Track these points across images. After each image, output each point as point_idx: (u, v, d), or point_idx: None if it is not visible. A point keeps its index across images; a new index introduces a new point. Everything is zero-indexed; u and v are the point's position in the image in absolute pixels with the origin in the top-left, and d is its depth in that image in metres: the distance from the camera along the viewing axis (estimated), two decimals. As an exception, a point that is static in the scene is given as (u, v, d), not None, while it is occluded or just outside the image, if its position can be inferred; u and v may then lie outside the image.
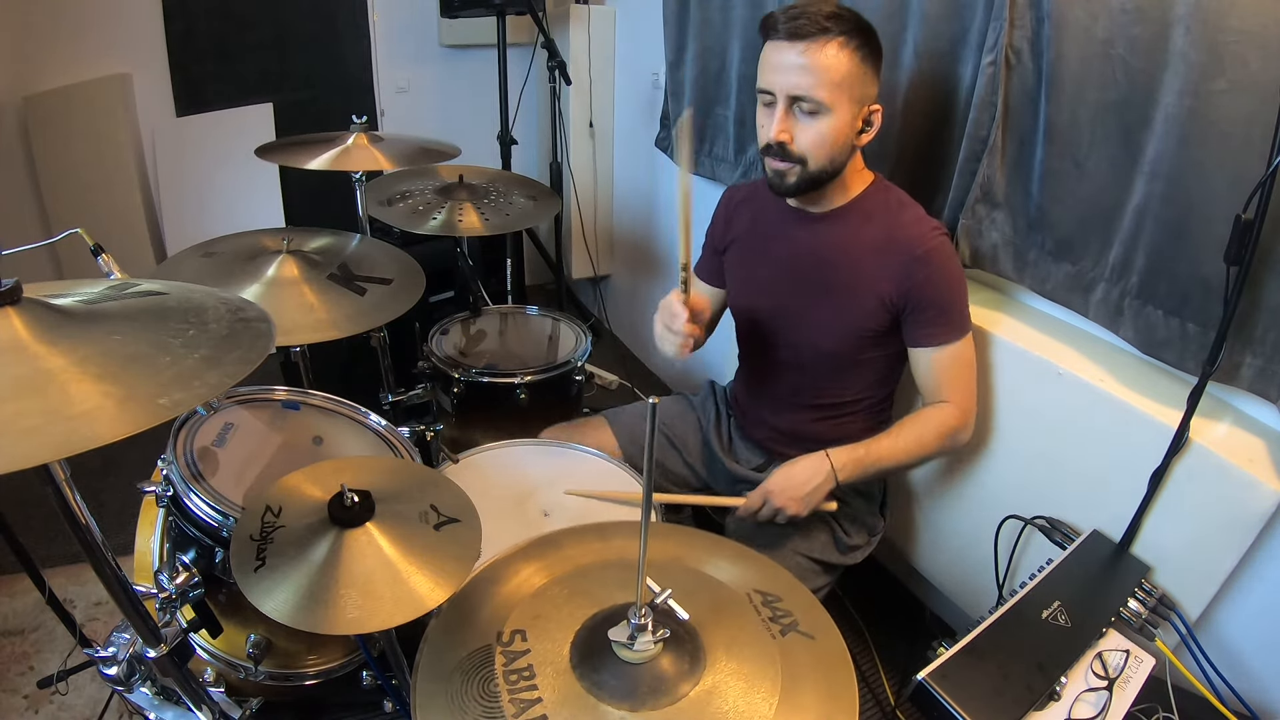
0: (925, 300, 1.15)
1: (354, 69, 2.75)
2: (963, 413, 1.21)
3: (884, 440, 1.20)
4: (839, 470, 1.17)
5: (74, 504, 0.70)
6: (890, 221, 1.16)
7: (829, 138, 1.09)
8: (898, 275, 1.14)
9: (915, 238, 1.14)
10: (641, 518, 0.67)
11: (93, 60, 2.34)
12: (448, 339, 1.72)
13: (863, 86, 1.08)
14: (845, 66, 1.05)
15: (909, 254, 1.13)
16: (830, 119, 1.08)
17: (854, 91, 1.07)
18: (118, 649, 0.89)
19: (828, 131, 1.09)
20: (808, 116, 1.09)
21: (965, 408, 1.21)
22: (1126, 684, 0.94)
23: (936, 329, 1.16)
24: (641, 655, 0.69)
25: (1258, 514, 0.99)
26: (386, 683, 0.99)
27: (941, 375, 1.19)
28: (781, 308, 1.28)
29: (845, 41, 1.05)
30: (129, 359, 0.63)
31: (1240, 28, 0.92)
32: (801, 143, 1.10)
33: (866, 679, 1.59)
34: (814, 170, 1.13)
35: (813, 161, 1.12)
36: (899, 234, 1.15)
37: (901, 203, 1.19)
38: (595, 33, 2.58)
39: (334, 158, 1.45)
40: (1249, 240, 0.91)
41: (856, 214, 1.19)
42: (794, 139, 1.10)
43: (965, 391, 1.21)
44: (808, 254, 1.23)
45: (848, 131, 1.10)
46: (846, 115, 1.08)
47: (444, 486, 0.91)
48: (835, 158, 1.12)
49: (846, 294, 1.19)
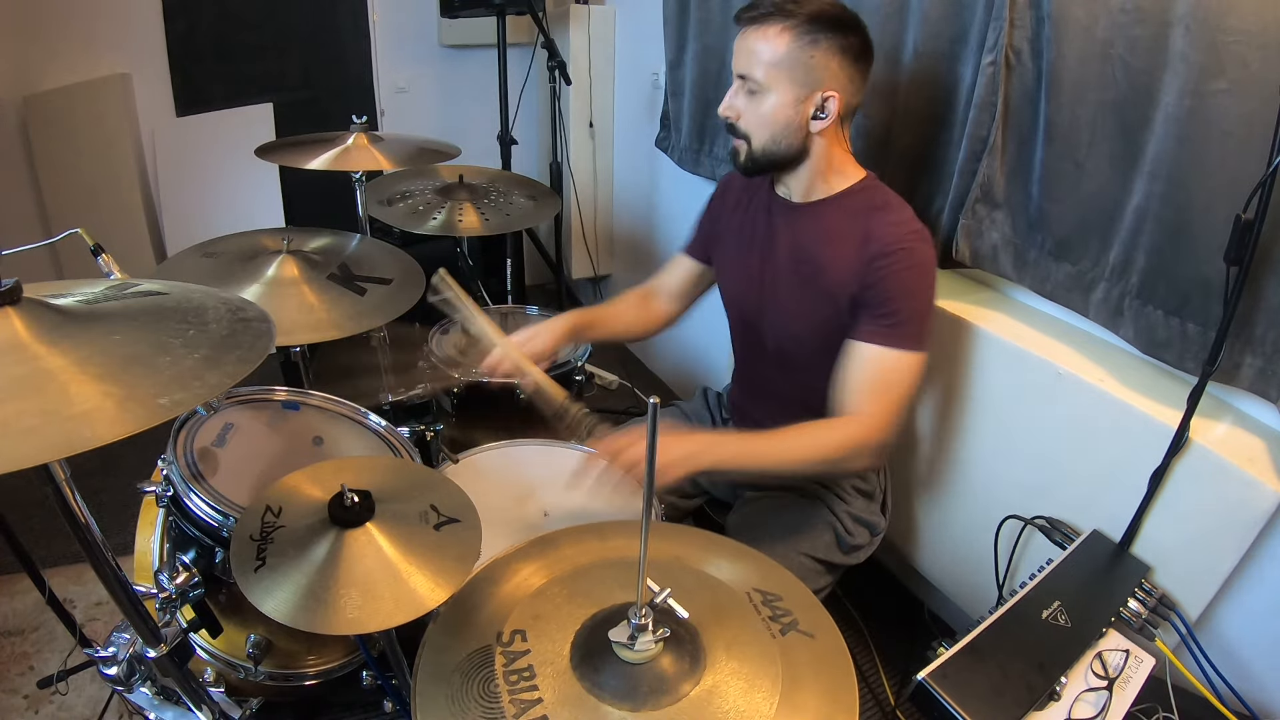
0: (876, 295, 1.11)
1: (354, 69, 2.76)
2: (865, 431, 1.08)
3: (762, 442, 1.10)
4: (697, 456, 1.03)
5: (74, 504, 0.70)
6: (870, 220, 1.14)
7: (768, 117, 1.12)
8: (860, 270, 1.12)
9: (887, 237, 1.11)
10: (642, 517, 0.67)
11: (93, 60, 2.35)
12: (448, 339, 1.72)
13: (806, 71, 1.09)
14: (783, 48, 1.08)
15: (875, 251, 1.11)
16: (768, 98, 1.11)
17: (794, 74, 1.09)
18: (118, 649, 0.89)
19: (766, 111, 1.12)
20: (750, 95, 1.13)
21: (870, 428, 1.08)
22: (1126, 684, 0.94)
23: (878, 326, 1.10)
24: (642, 655, 0.69)
25: (1258, 514, 0.99)
26: (386, 683, 0.99)
27: (864, 381, 1.10)
28: (761, 297, 1.27)
29: (786, 26, 1.07)
30: (129, 359, 0.63)
31: (1240, 28, 0.92)
32: (746, 120, 1.14)
33: (866, 679, 1.59)
34: (757, 149, 1.15)
35: (755, 139, 1.15)
36: (873, 233, 1.12)
37: (886, 204, 1.16)
38: (595, 33, 2.58)
39: (334, 158, 1.45)
40: (1249, 240, 0.91)
41: (837, 208, 1.18)
42: (740, 116, 1.15)
43: (882, 408, 1.09)
44: (785, 243, 1.23)
45: (789, 114, 1.11)
46: (786, 96, 1.10)
47: (444, 486, 0.91)
48: (778, 138, 1.13)
49: (815, 287, 1.18)
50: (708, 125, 2.06)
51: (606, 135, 2.76)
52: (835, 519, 1.29)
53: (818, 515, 1.28)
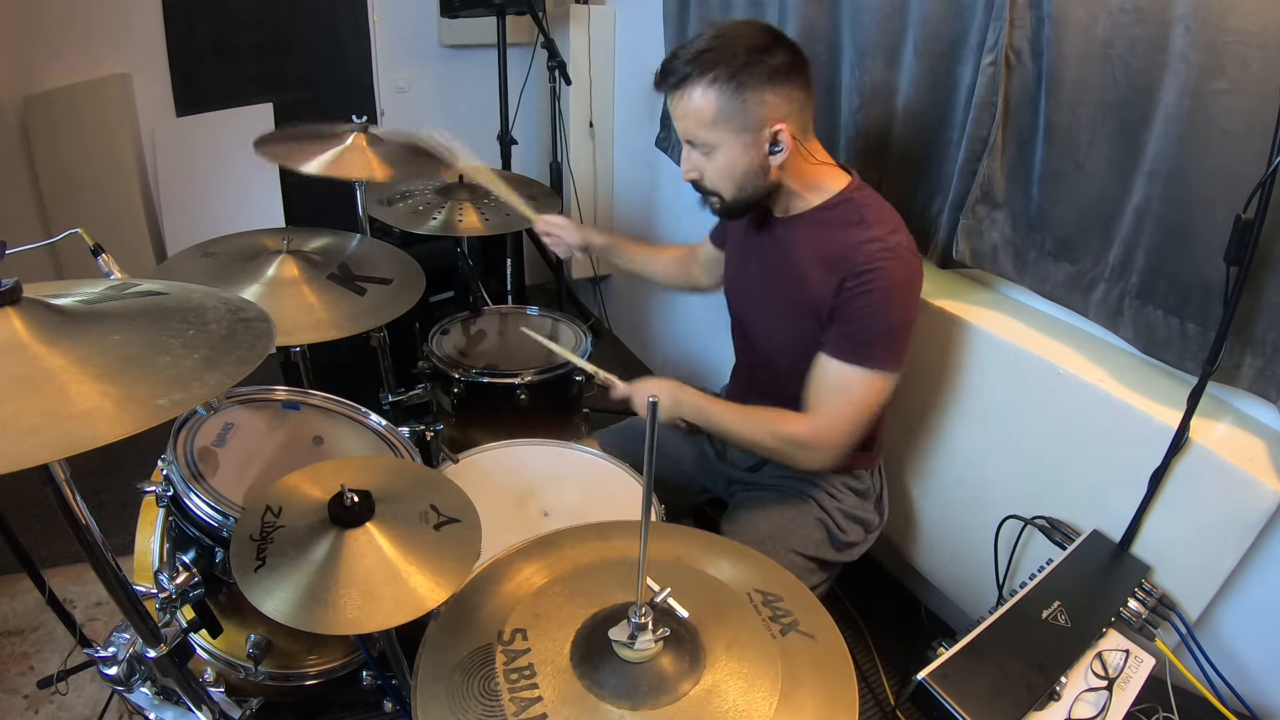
0: (845, 314, 1.12)
1: (354, 69, 2.76)
2: (815, 433, 1.14)
3: (731, 409, 1.21)
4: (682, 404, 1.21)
5: (74, 504, 0.70)
6: (845, 236, 1.13)
7: (726, 170, 1.12)
8: (834, 288, 1.12)
9: (860, 256, 1.10)
10: (641, 518, 0.67)
11: (93, 60, 2.35)
12: (448, 339, 1.72)
13: (744, 116, 1.07)
14: (713, 106, 1.07)
15: (847, 270, 1.10)
16: (721, 154, 1.11)
17: (733, 124, 1.08)
18: (118, 649, 0.89)
19: (722, 166, 1.12)
20: (704, 155, 1.13)
21: (822, 431, 1.14)
22: (1126, 684, 0.94)
23: (840, 341, 1.12)
24: (641, 654, 0.69)
25: (1258, 514, 0.99)
26: (386, 683, 0.99)
27: (825, 389, 1.13)
28: (750, 306, 1.32)
29: (710, 82, 1.06)
30: (128, 359, 0.63)
31: (1240, 28, 0.92)
32: (709, 178, 1.15)
33: (866, 679, 1.59)
34: (730, 199, 1.16)
35: (724, 193, 1.15)
36: (848, 251, 1.11)
37: (862, 219, 1.13)
38: (595, 33, 2.58)
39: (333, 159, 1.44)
40: (1249, 240, 0.91)
41: (814, 223, 1.17)
42: (703, 175, 1.15)
43: (832, 418, 1.13)
44: (768, 257, 1.24)
45: (745, 160, 1.11)
46: (735, 147, 1.10)
47: (444, 486, 0.91)
48: (743, 185, 1.13)
49: (793, 300, 1.19)
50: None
51: (606, 135, 2.76)
52: (826, 516, 1.29)
53: (808, 512, 1.28)
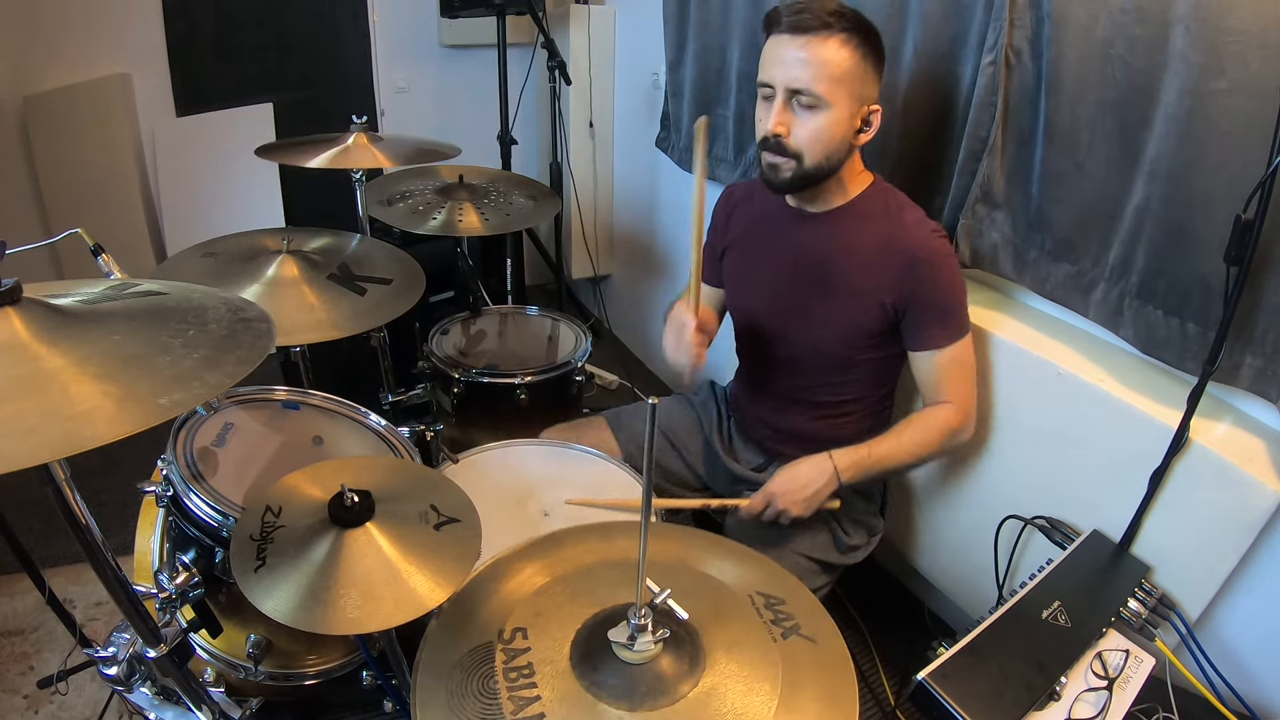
0: (925, 304, 1.15)
1: (354, 69, 2.75)
2: (963, 412, 1.21)
3: (886, 441, 1.20)
4: (842, 472, 1.18)
5: (74, 504, 0.70)
6: (890, 223, 1.16)
7: (825, 133, 1.09)
8: (898, 278, 1.14)
9: (916, 240, 1.14)
10: (641, 518, 0.67)
11: (93, 60, 2.34)
12: (448, 339, 1.72)
13: (863, 85, 1.08)
14: (846, 63, 1.05)
15: (910, 256, 1.13)
16: (828, 114, 1.08)
17: (853, 89, 1.07)
18: (118, 649, 0.89)
19: (825, 127, 1.08)
20: (806, 111, 1.08)
21: (965, 408, 1.21)
22: (1126, 684, 0.94)
23: (937, 332, 1.16)
24: (641, 655, 0.69)
25: (1258, 514, 0.99)
26: (386, 683, 0.99)
27: (942, 377, 1.19)
28: (780, 308, 1.28)
29: (847, 38, 1.05)
30: (129, 359, 0.63)
31: (1240, 28, 0.92)
32: (798, 137, 1.10)
33: (866, 679, 1.59)
34: (809, 167, 1.12)
35: (808, 157, 1.11)
36: (899, 236, 1.14)
37: (901, 205, 1.18)
38: (595, 33, 2.58)
39: (334, 157, 1.44)
40: (1249, 240, 0.91)
41: (855, 215, 1.19)
42: (790, 133, 1.10)
43: (965, 391, 1.21)
44: (806, 254, 1.23)
45: (845, 129, 1.10)
46: (845, 112, 1.08)
47: (444, 486, 0.91)
48: (831, 155, 1.11)
49: (845, 295, 1.19)
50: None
51: (606, 135, 2.76)
52: (833, 520, 1.29)
53: (815, 516, 1.28)
